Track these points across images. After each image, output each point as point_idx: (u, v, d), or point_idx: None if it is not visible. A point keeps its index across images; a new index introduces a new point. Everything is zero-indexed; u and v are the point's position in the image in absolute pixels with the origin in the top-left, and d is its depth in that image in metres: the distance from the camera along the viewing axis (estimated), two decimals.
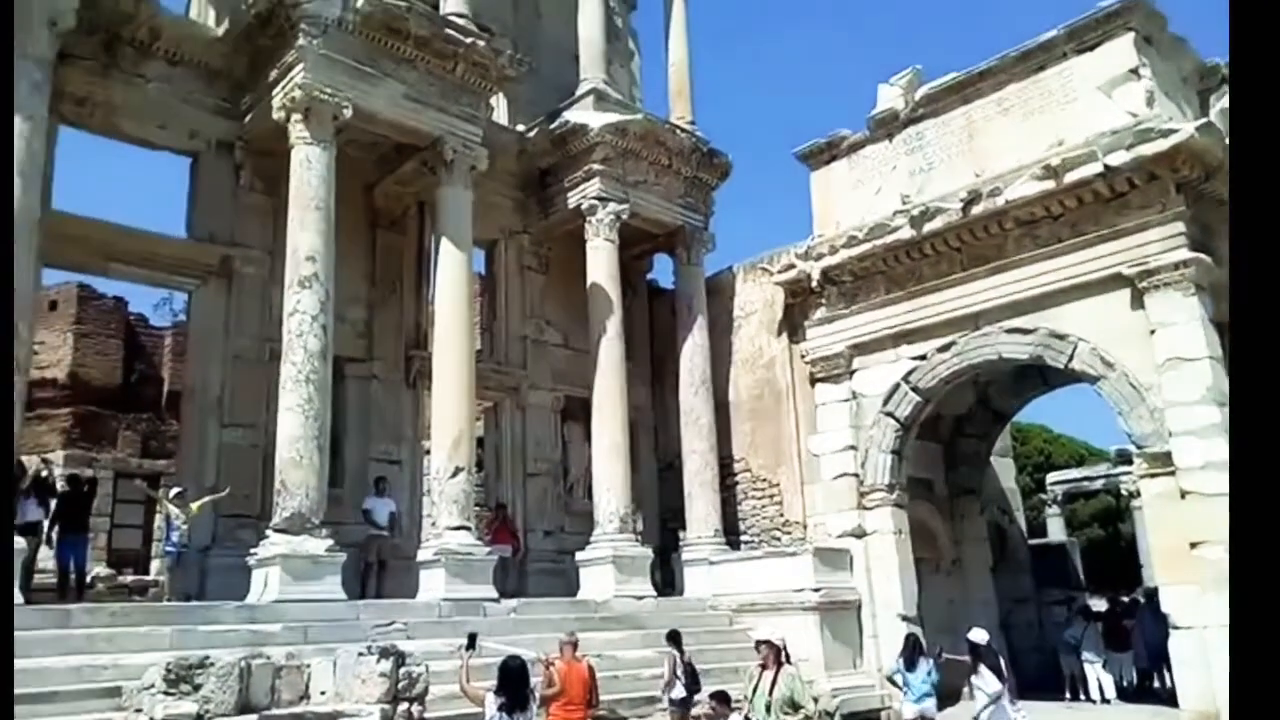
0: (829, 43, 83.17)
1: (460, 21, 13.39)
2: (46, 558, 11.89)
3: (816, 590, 13.14)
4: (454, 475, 12.44)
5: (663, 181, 16.15)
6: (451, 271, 13.05)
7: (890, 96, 14.83)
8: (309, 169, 11.72)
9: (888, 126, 14.78)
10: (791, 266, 15.43)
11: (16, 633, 8.23)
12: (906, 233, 13.77)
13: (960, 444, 16.21)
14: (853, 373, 14.67)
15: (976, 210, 13.02)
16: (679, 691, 9.90)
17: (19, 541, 9.12)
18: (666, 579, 15.47)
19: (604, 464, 14.51)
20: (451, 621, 11.14)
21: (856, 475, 14.31)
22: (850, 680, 12.94)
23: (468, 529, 12.39)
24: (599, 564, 13.84)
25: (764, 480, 15.98)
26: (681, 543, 15.54)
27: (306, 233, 11.59)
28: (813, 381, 15.18)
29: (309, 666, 8.61)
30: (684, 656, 10.21)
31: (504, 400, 15.80)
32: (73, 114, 11.77)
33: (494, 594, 12.10)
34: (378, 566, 12.73)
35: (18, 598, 8.72)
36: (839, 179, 15.38)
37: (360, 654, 8.37)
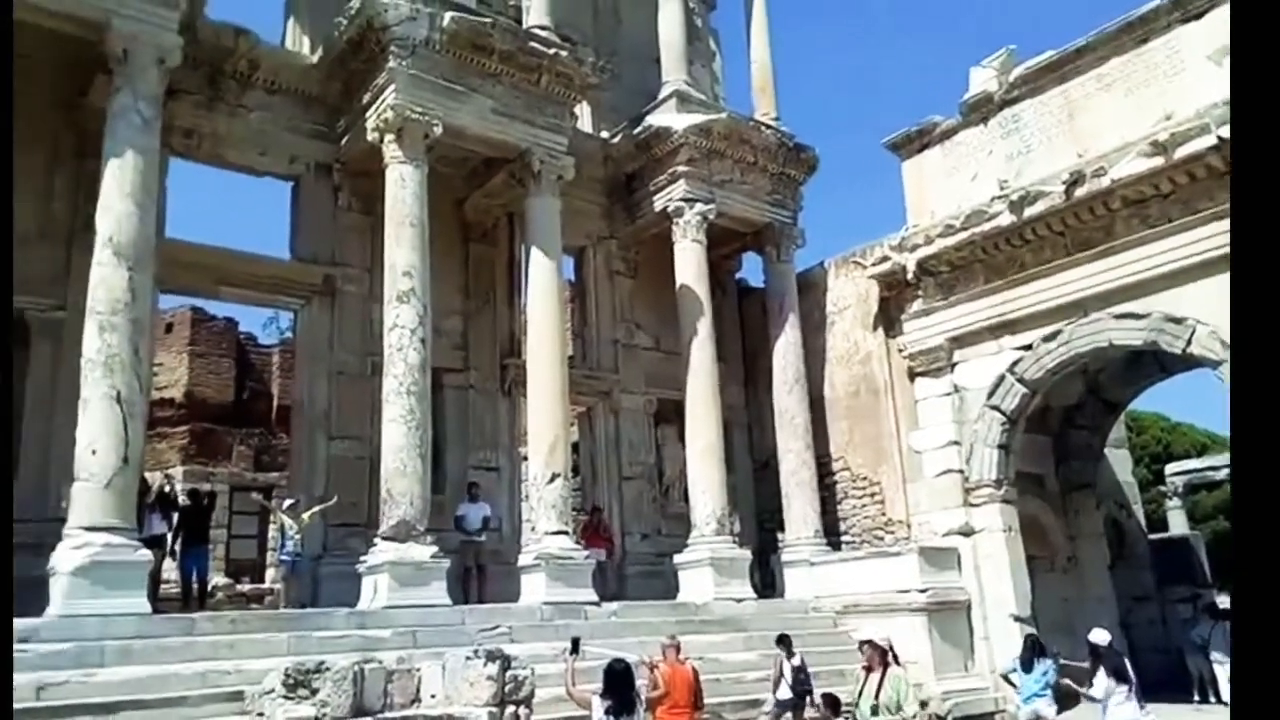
0: (912, 28, 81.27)
1: (543, 33, 13.56)
2: (170, 569, 12.51)
3: (923, 591, 12.81)
4: (550, 481, 12.58)
5: (749, 179, 16.02)
6: (542, 280, 13.21)
7: (983, 79, 14.38)
8: (403, 187, 12.04)
9: (981, 110, 14.33)
10: (885, 259, 15.10)
11: (147, 640, 8.77)
12: (1006, 219, 13.32)
13: (1071, 436, 15.58)
14: (953, 366, 14.26)
15: (1080, 192, 12.50)
16: (784, 693, 9.85)
17: (146, 553, 9.60)
18: (765, 581, 15.31)
19: (699, 466, 14.46)
20: (553, 625, 11.30)
21: (961, 471, 13.91)
22: (962, 683, 12.58)
23: (566, 533, 12.51)
24: (697, 566, 13.79)
25: (864, 479, 15.67)
26: (780, 544, 15.36)
27: (403, 249, 11.90)
28: (911, 376, 14.83)
29: (419, 670, 8.80)
30: (795, 660, 10.16)
31: (597, 405, 15.91)
32: (182, 146, 12.35)
33: (594, 597, 12.19)
34: (477, 571, 12.95)
35: (145, 607, 9.19)
36: (932, 167, 14.99)
37: (467, 658, 8.52)
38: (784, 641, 10.25)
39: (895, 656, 7.48)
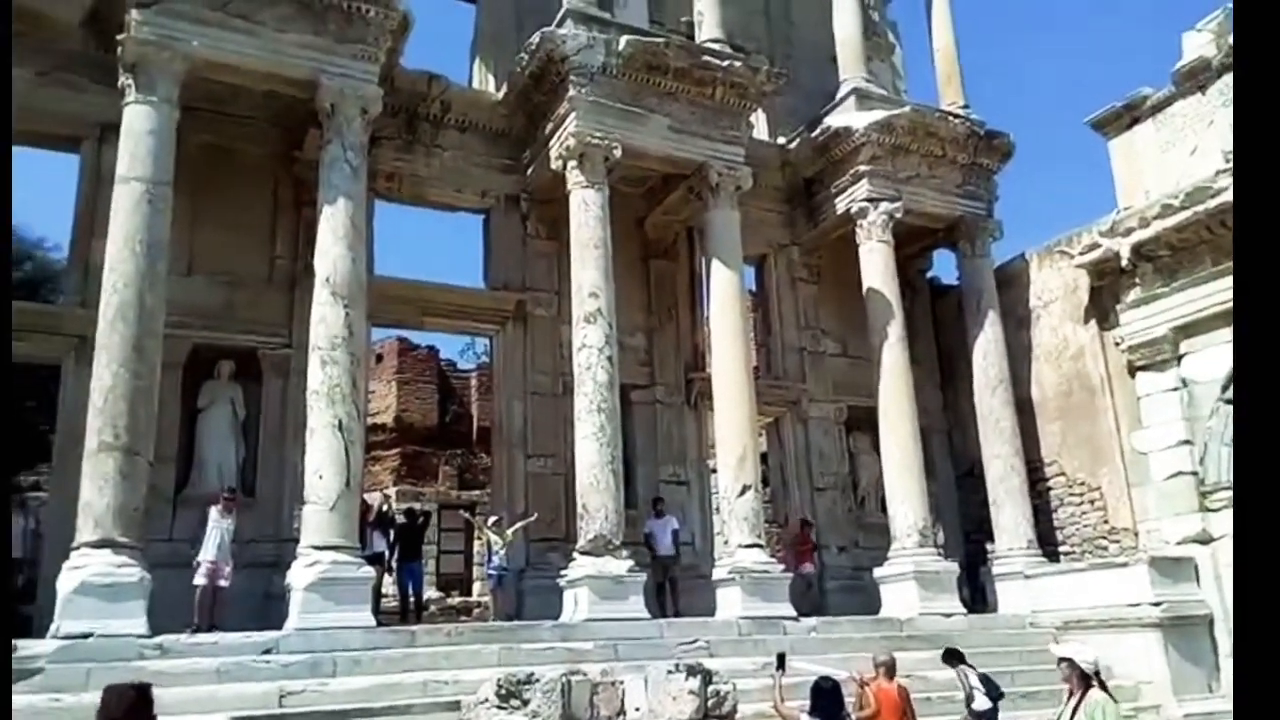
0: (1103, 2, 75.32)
1: (716, 46, 13.59)
2: (388, 584, 13.32)
3: (1156, 604, 11.72)
4: (741, 494, 12.48)
5: (937, 173, 15.34)
6: (724, 292, 13.18)
7: (1198, 44, 13.11)
8: (586, 211, 12.37)
9: (1198, 78, 13.07)
10: (1095, 246, 14.00)
11: (373, 652, 9.37)
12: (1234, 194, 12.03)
13: None
14: (1180, 358, 13.01)
15: None
16: (982, 703, 9.28)
17: (369, 570, 10.30)
18: (974, 595, 14.49)
19: (896, 475, 13.91)
20: (752, 640, 11.19)
21: (1195, 473, 12.65)
22: (1205, 705, 11.39)
23: (760, 546, 12.36)
24: (900, 580, 13.25)
25: (1081, 484, 14.55)
26: (989, 555, 14.50)
27: (588, 271, 12.21)
28: (1131, 371, 13.66)
29: (622, 683, 8.92)
30: (975, 670, 9.62)
31: (785, 415, 15.66)
32: (384, 188, 13.23)
33: (792, 612, 11.96)
34: (670, 585, 13.00)
35: (370, 620, 9.83)
36: (1144, 143, 13.80)
37: (669, 671, 8.57)
38: (955, 655, 9.77)
39: (1100, 680, 6.68)
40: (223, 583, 9.80)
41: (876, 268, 14.56)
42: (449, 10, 15.21)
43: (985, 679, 9.41)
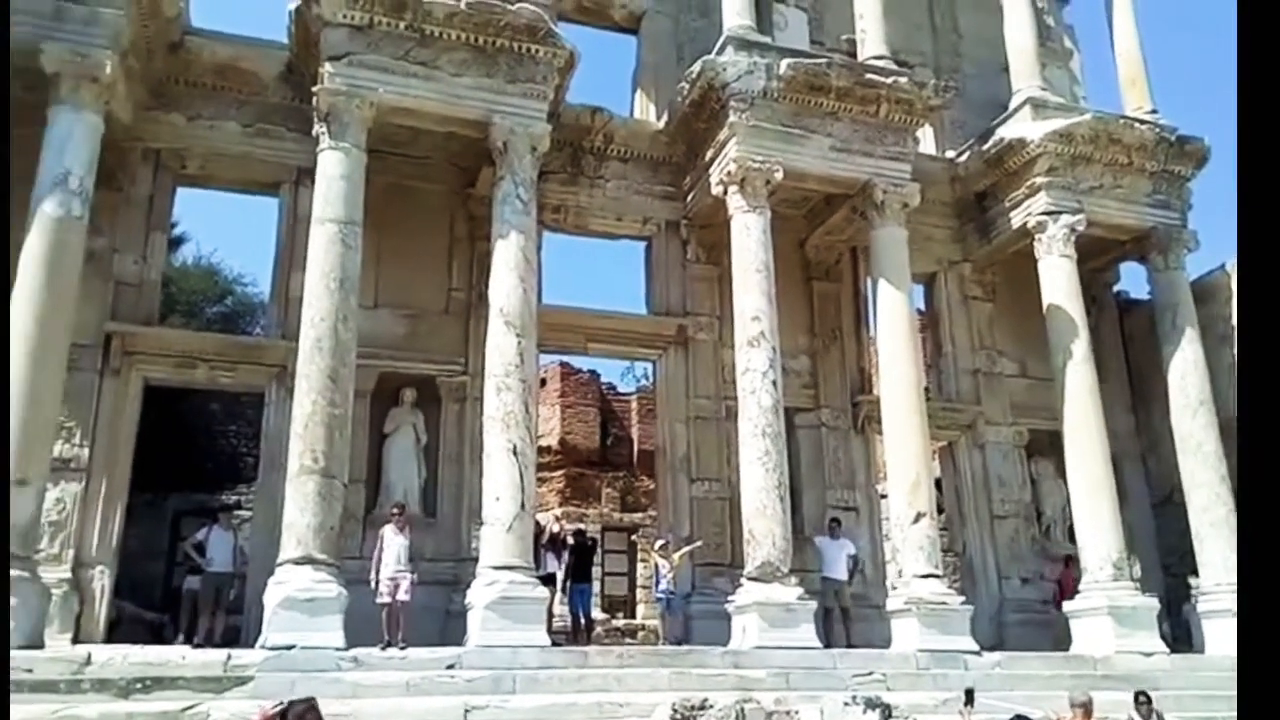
0: None
1: (879, 63, 13.34)
2: (556, 603, 13.59)
3: None
4: (915, 521, 12.05)
5: (1123, 182, 14.42)
6: (891, 312, 12.83)
7: None
8: (748, 235, 12.36)
9: None
10: None
11: (549, 671, 9.58)
12: None
13: None
14: None
15: None
16: None
17: (543, 590, 10.57)
18: (1176, 633, 13.35)
19: (1085, 503, 13.04)
20: (930, 674, 10.77)
21: None
22: None
23: (938, 577, 11.88)
24: (1092, 615, 12.38)
25: None
26: (1194, 591, 13.34)
27: (750, 295, 12.17)
28: None
29: (796, 713, 8.78)
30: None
31: (959, 439, 15.01)
32: (551, 220, 13.65)
33: (974, 646, 11.41)
34: (841, 614, 12.64)
35: (545, 640, 10.06)
36: None
37: (846, 703, 8.40)
38: (1145, 699, 9.05)
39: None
40: (403, 596, 10.22)
41: (1058, 283, 13.78)
42: (611, 43, 15.63)
43: None
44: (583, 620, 13.01)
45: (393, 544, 10.45)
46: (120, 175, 11.74)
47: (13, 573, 8.86)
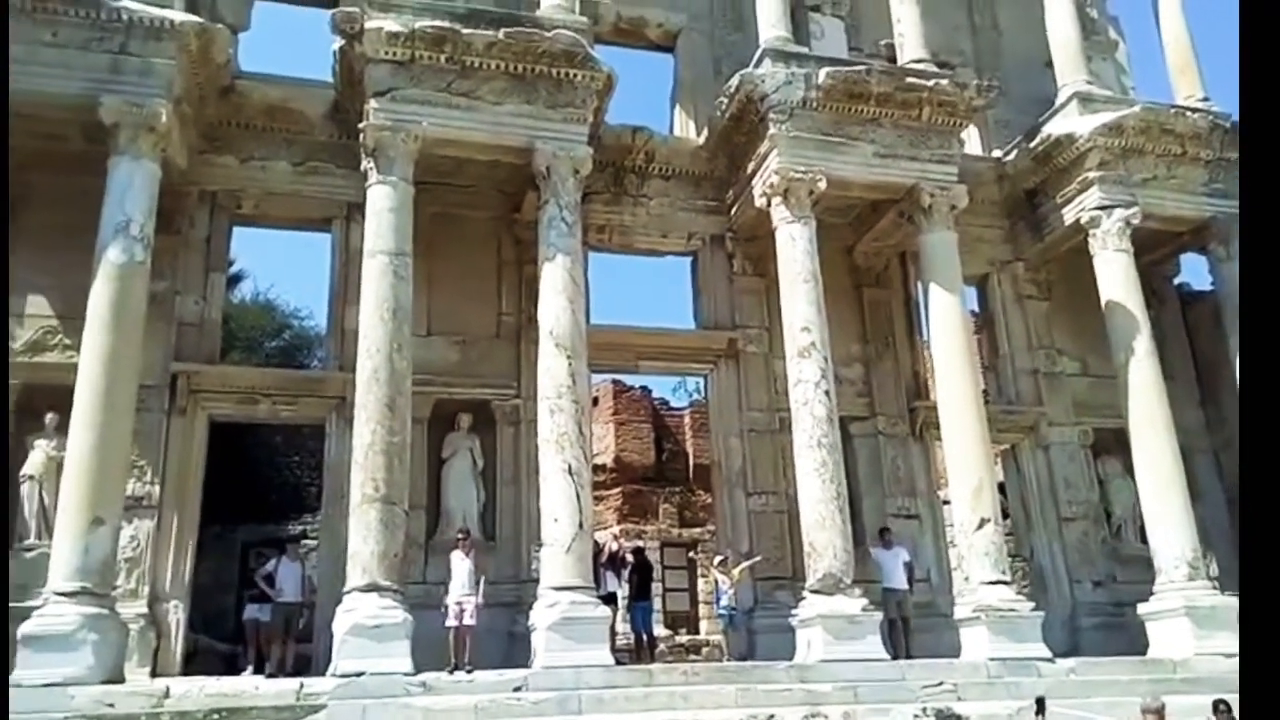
0: None
1: (919, 67, 13.24)
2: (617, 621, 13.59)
3: None
4: (979, 527, 11.84)
5: (1177, 172, 14.10)
6: (944, 316, 12.67)
7: None
8: (793, 245, 12.31)
9: None
10: None
11: (615, 690, 9.58)
12: None
13: None
14: None
15: None
16: None
17: (605, 610, 10.55)
18: None
19: (1155, 501, 12.69)
20: (1003, 682, 10.55)
21: None
22: None
23: (1006, 583, 11.65)
24: (1168, 617, 12.04)
25: None
26: None
27: (799, 305, 12.11)
28: None
29: None
30: None
31: (1021, 441, 14.71)
32: (596, 240, 13.72)
33: (1046, 653, 11.16)
34: (902, 623, 12.43)
35: (609, 659, 10.05)
36: None
37: (915, 715, 8.28)
38: (1225, 706, 8.69)
39: None
40: (468, 620, 10.35)
41: (1115, 278, 13.48)
42: (648, 62, 15.73)
43: None
44: (645, 638, 13.00)
45: (458, 569, 10.59)
46: (178, 219, 12.11)
47: (92, 609, 9.17)
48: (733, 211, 14.02)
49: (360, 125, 11.33)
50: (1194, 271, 15.95)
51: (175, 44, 10.89)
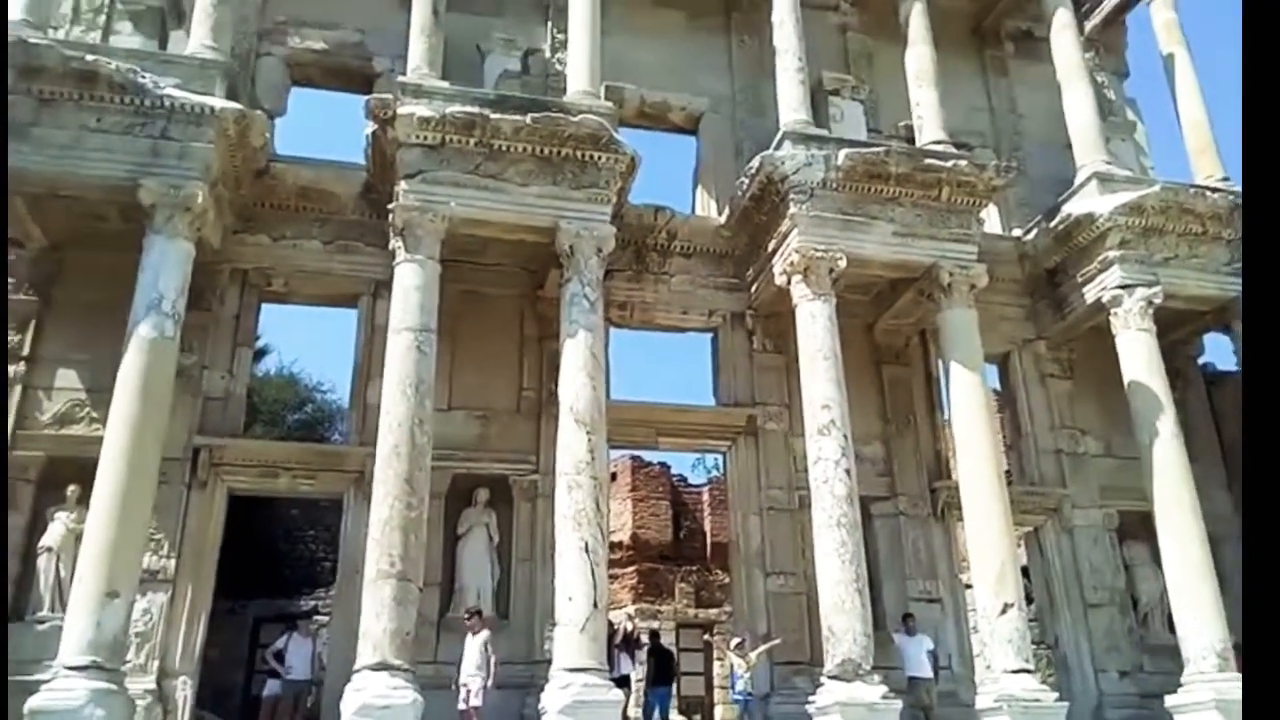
0: None
1: (938, 148, 13.43)
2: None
3: None
4: (1003, 612, 11.55)
5: (1199, 251, 14.11)
6: (965, 394, 12.58)
7: None
8: (813, 323, 12.35)
9: None
10: None
11: None
12: None
13: None
14: None
15: None
16: None
17: (618, 693, 10.32)
18: None
19: (1183, 588, 12.37)
20: None
21: None
22: None
23: (1030, 672, 11.32)
24: (1198, 710, 11.62)
25: None
26: None
27: (819, 382, 12.10)
28: None
29: None
30: None
31: (1044, 523, 14.44)
32: (617, 317, 13.84)
33: None
34: (924, 714, 12.07)
35: None
36: None
37: None
38: None
39: None
40: (475, 702, 10.17)
41: (1138, 358, 13.40)
42: (671, 144, 16.08)
43: None
44: None
45: (468, 649, 10.44)
46: (209, 295, 12.36)
47: (101, 685, 9.10)
48: (753, 289, 14.13)
49: (390, 205, 11.58)
50: (1218, 352, 15.86)
51: (214, 129, 11.26)
